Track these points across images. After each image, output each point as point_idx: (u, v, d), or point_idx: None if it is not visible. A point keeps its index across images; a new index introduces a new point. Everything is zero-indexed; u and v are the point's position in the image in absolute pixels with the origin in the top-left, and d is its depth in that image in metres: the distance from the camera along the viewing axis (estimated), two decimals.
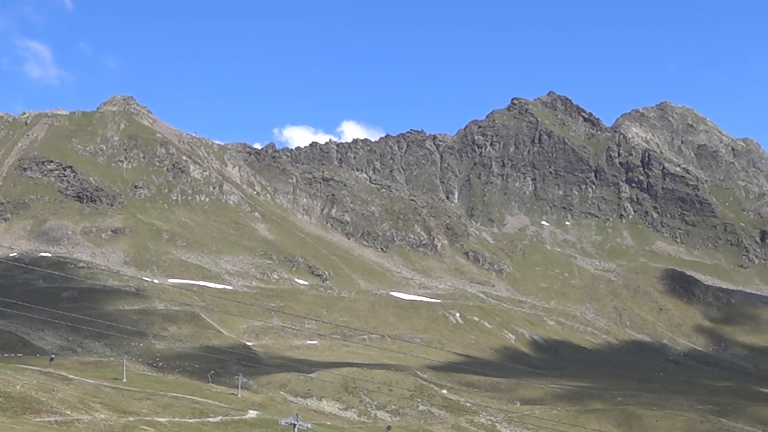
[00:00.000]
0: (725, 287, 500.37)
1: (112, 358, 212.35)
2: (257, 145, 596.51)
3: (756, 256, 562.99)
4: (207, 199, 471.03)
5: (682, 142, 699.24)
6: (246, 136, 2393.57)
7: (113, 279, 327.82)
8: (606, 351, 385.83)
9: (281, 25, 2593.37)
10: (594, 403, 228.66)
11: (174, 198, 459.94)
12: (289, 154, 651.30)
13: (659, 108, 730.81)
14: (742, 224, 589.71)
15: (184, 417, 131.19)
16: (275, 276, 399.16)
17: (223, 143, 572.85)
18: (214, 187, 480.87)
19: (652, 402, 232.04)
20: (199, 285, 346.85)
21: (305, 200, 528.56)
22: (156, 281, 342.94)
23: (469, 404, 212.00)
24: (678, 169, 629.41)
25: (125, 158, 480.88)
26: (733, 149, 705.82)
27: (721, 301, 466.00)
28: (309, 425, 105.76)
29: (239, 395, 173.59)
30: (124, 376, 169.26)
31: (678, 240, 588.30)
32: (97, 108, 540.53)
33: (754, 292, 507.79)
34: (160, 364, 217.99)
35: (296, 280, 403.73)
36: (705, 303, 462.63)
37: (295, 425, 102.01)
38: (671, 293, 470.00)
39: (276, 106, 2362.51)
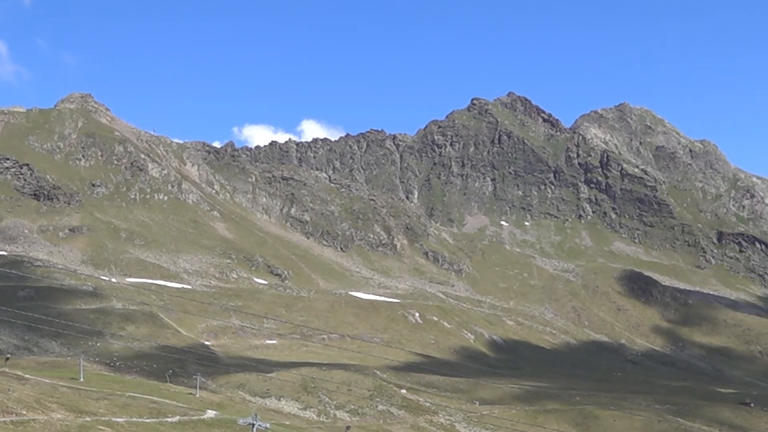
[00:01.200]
0: (683, 288, 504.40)
1: (68, 358, 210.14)
2: (216, 144, 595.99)
3: (713, 257, 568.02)
4: (165, 198, 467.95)
5: (640, 143, 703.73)
6: (205, 134, 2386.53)
7: (70, 278, 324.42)
8: (565, 351, 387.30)
9: (241, 23, 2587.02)
10: (552, 403, 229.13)
11: (132, 196, 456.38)
12: (248, 153, 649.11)
13: (618, 109, 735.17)
14: (699, 225, 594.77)
15: (141, 417, 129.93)
16: (234, 275, 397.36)
17: (182, 142, 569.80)
18: (172, 186, 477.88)
19: (610, 402, 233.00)
20: (157, 284, 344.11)
21: (265, 199, 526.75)
22: (114, 280, 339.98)
23: (428, 404, 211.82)
24: (636, 170, 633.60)
25: (83, 156, 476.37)
26: (690, 151, 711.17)
27: (679, 301, 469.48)
28: (268, 425, 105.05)
29: (197, 395, 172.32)
30: (81, 375, 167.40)
31: (636, 241, 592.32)
32: (55, 105, 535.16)
33: (711, 292, 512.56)
34: (118, 363, 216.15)
35: (255, 279, 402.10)
36: (663, 303, 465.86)
37: (253, 425, 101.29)
38: (629, 294, 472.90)
39: (235, 105, 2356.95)
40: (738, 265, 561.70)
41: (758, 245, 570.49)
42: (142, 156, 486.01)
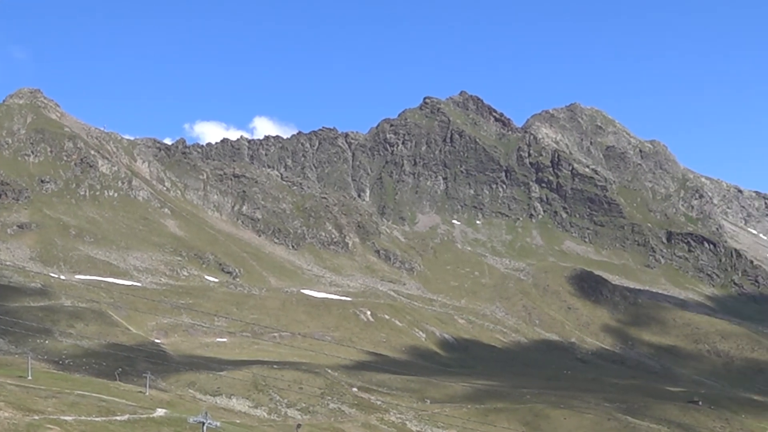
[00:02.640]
0: (632, 287, 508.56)
1: (16, 356, 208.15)
2: (167, 141, 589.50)
3: (662, 257, 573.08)
4: (116, 195, 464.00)
5: (591, 143, 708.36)
6: (156, 131, 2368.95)
7: (18, 275, 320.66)
8: (515, 350, 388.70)
9: (193, 20, 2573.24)
10: (503, 402, 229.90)
11: (82, 193, 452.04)
12: (199, 150, 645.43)
13: (569, 109, 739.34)
14: (649, 225, 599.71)
15: (90, 415, 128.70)
16: (185, 273, 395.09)
17: (132, 138, 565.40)
18: (123, 183, 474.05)
19: (560, 401, 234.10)
20: (106, 281, 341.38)
21: (216, 197, 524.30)
22: (62, 277, 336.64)
23: (379, 402, 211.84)
24: (587, 169, 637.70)
25: (32, 152, 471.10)
26: (640, 151, 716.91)
27: (628, 300, 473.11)
28: (218, 423, 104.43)
29: (147, 393, 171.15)
30: (29, 374, 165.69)
31: (586, 240, 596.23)
32: (3, 101, 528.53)
33: (660, 291, 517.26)
34: (67, 361, 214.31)
35: (206, 277, 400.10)
36: (612, 302, 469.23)
37: (204, 423, 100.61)
38: (580, 293, 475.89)
39: (187, 102, 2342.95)
40: (687, 265, 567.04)
41: (707, 245, 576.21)
42: (92, 152, 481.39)
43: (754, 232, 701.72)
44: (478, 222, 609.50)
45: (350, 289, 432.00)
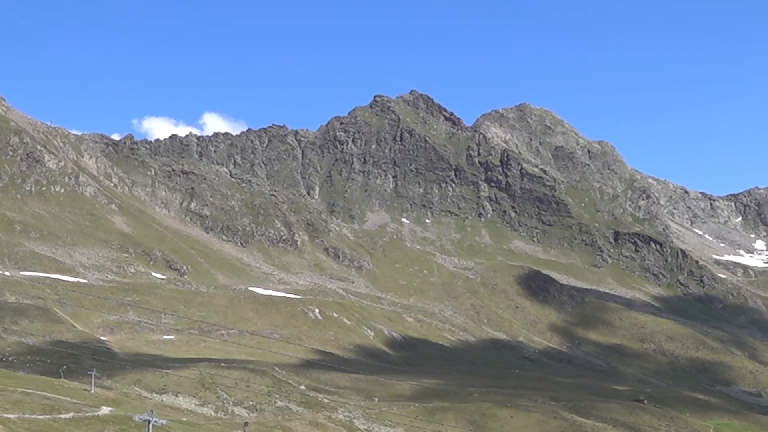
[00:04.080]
0: (580, 286, 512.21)
1: None
2: (115, 136, 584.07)
3: (609, 257, 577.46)
4: (62, 190, 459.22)
5: (540, 143, 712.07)
6: (104, 126, 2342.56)
7: None
8: (463, 348, 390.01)
9: (143, 14, 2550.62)
10: (451, 400, 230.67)
11: (27, 188, 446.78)
12: (148, 146, 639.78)
13: (518, 109, 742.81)
14: (596, 225, 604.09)
15: (34, 413, 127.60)
16: (132, 270, 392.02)
17: (79, 133, 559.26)
18: (69, 178, 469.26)
19: (507, 399, 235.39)
20: (52, 278, 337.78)
21: (164, 193, 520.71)
22: (7, 273, 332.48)
23: (327, 400, 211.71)
24: (535, 169, 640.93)
25: None
26: (589, 151, 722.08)
27: (576, 300, 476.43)
28: (164, 422, 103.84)
29: (92, 391, 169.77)
30: None
31: (535, 239, 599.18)
32: None
33: (607, 291, 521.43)
34: (10, 359, 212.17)
35: (153, 274, 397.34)
36: (560, 302, 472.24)
37: (149, 422, 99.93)
38: (527, 292, 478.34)
39: (135, 97, 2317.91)
40: (633, 265, 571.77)
41: (653, 245, 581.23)
42: (39, 147, 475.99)
43: (700, 232, 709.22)
44: (427, 221, 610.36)
45: (299, 287, 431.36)
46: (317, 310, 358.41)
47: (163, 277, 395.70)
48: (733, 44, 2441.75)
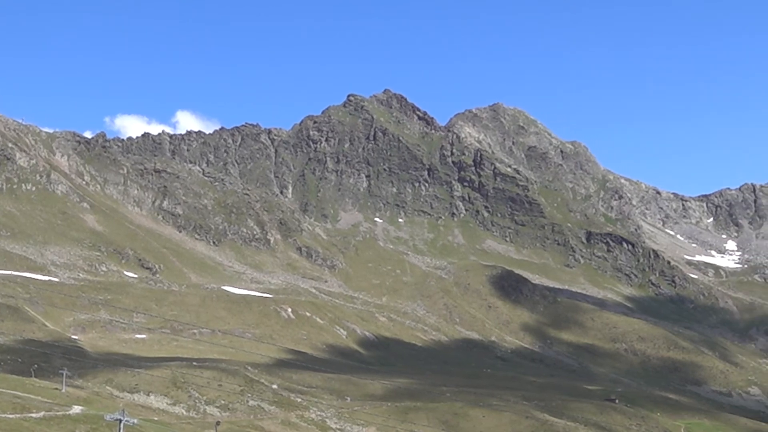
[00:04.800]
0: (552, 286, 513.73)
1: None
2: (87, 134, 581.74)
3: (582, 257, 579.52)
4: (33, 189, 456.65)
5: (513, 143, 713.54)
6: (76, 124, 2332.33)
7: None
8: (436, 348, 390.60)
9: (116, 12, 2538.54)
10: (423, 400, 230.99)
11: None
12: (120, 144, 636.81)
13: (492, 109, 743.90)
14: (569, 225, 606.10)
15: (4, 412, 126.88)
16: (103, 268, 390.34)
17: (51, 131, 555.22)
18: (41, 176, 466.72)
19: (479, 399, 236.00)
20: (23, 276, 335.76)
21: (136, 192, 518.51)
22: None
23: (299, 400, 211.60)
24: (509, 169, 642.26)
25: None
26: (561, 151, 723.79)
27: (548, 299, 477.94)
28: (135, 421, 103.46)
29: (63, 390, 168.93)
30: None
31: (507, 239, 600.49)
32: None
33: (579, 291, 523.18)
34: None
35: (125, 272, 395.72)
36: (532, 301, 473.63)
37: (121, 421, 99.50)
38: (500, 291, 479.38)
39: (108, 94, 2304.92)
40: (605, 265, 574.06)
41: (625, 245, 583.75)
42: (10, 145, 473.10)
43: (672, 233, 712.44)
44: (400, 220, 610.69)
45: (271, 286, 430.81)
46: (290, 310, 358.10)
47: (135, 275, 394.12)
48: (705, 45, 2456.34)
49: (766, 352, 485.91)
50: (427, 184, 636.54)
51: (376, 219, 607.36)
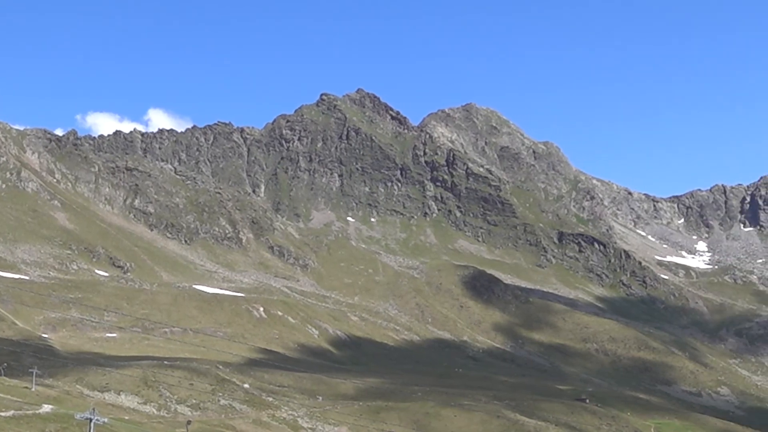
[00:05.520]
0: (524, 286, 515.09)
1: None
2: (59, 132, 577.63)
3: (553, 257, 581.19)
4: (3, 186, 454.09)
5: (485, 143, 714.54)
6: (47, 121, 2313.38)
7: None
8: (408, 347, 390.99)
9: (88, 8, 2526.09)
10: (395, 399, 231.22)
11: None
12: (91, 141, 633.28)
13: (464, 109, 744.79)
14: (541, 225, 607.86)
15: None
16: (74, 266, 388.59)
17: (22, 128, 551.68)
18: (11, 174, 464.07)
19: (451, 399, 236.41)
20: None
21: (108, 190, 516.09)
22: None
23: (270, 399, 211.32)
24: (481, 169, 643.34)
25: None
26: (534, 152, 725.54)
27: (520, 299, 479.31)
28: (106, 420, 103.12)
29: (33, 389, 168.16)
30: None
31: (480, 239, 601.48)
32: None
33: (551, 291, 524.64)
34: None
35: (96, 271, 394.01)
36: (504, 301, 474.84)
37: (91, 420, 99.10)
38: (472, 291, 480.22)
39: (79, 92, 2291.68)
40: (577, 265, 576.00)
41: (596, 245, 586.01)
42: None
43: (643, 233, 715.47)
44: (372, 219, 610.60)
45: (243, 285, 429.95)
46: (261, 309, 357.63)
47: (106, 274, 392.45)
48: (676, 45, 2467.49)
49: (735, 353, 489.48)
50: (399, 184, 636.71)
51: (349, 218, 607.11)
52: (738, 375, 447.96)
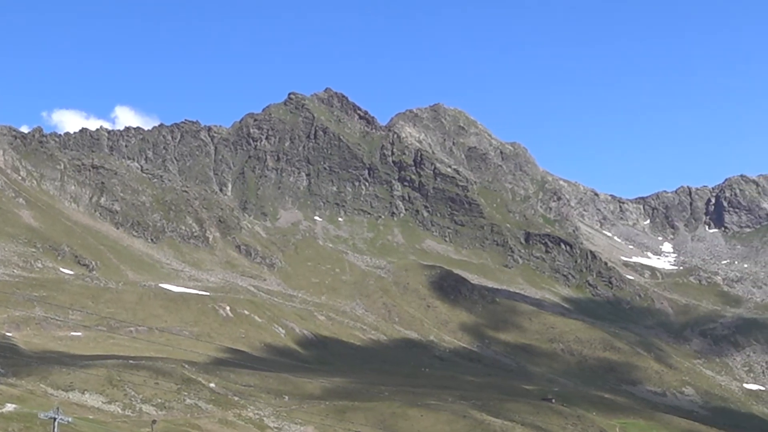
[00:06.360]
0: (491, 286, 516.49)
1: None
2: (24, 129, 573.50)
3: (520, 257, 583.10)
4: None
5: (453, 143, 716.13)
6: (12, 118, 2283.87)
7: None
8: (375, 347, 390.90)
9: (52, 7, 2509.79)
10: (361, 399, 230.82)
11: None
12: (57, 139, 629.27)
13: (432, 109, 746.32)
14: (508, 225, 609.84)
15: None
16: (39, 265, 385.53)
17: None
18: None
19: (417, 398, 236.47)
20: None
21: (73, 188, 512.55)
22: None
23: (236, 398, 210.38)
24: (449, 169, 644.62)
25: None
26: (501, 152, 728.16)
27: (486, 299, 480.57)
28: (70, 419, 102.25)
29: None
30: None
31: (447, 239, 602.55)
32: None
33: (517, 291, 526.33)
34: None
35: (61, 269, 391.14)
36: (471, 301, 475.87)
37: (55, 419, 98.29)
38: (439, 291, 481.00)
39: (45, 88, 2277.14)
40: (544, 265, 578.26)
41: (563, 246, 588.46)
42: None
43: (609, 234, 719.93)
44: (340, 219, 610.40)
45: (210, 284, 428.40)
46: (228, 308, 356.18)
47: (72, 272, 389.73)
48: (642, 45, 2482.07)
49: (700, 353, 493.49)
50: (367, 184, 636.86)
51: (316, 218, 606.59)
52: (702, 375, 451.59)
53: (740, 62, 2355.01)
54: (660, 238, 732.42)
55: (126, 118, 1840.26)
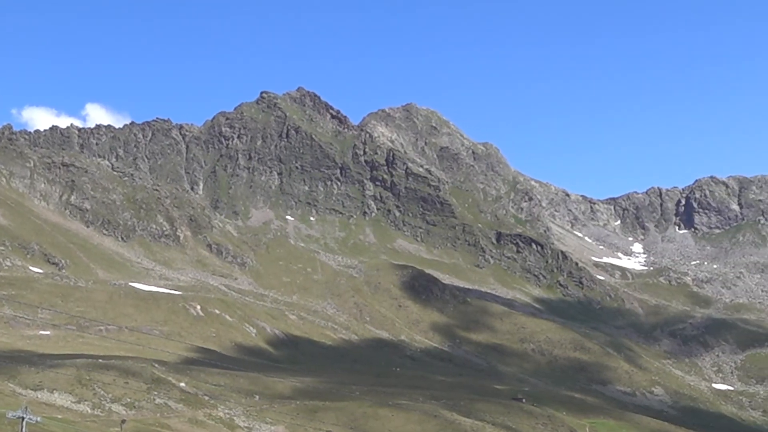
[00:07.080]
0: (462, 286, 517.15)
1: None
2: None
3: (492, 257, 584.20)
4: None
5: (425, 143, 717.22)
6: None
7: None
8: (346, 347, 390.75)
9: (24, 3, 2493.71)
10: (332, 399, 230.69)
11: None
12: (27, 136, 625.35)
13: (405, 109, 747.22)
14: (479, 225, 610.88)
15: None
16: (8, 263, 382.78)
17: None
18: None
19: (388, 398, 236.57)
20: None
21: (43, 185, 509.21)
22: None
23: (207, 398, 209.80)
24: (421, 169, 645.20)
25: None
26: (473, 153, 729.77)
27: (458, 299, 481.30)
28: (39, 419, 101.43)
29: None
30: None
31: (418, 239, 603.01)
32: None
33: (488, 291, 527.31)
34: None
35: (30, 268, 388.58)
36: (442, 301, 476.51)
37: (23, 419, 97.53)
38: (410, 291, 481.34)
39: (15, 85, 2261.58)
40: (515, 265, 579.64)
41: (534, 246, 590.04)
42: None
43: (580, 235, 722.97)
44: (311, 218, 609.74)
45: (180, 283, 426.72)
46: (199, 307, 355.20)
47: (41, 271, 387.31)
48: (612, 45, 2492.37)
49: (669, 354, 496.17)
50: (339, 183, 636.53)
51: (288, 217, 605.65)
52: (672, 375, 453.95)
53: (711, 64, 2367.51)
54: (630, 239, 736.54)
55: (97, 115, 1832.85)
